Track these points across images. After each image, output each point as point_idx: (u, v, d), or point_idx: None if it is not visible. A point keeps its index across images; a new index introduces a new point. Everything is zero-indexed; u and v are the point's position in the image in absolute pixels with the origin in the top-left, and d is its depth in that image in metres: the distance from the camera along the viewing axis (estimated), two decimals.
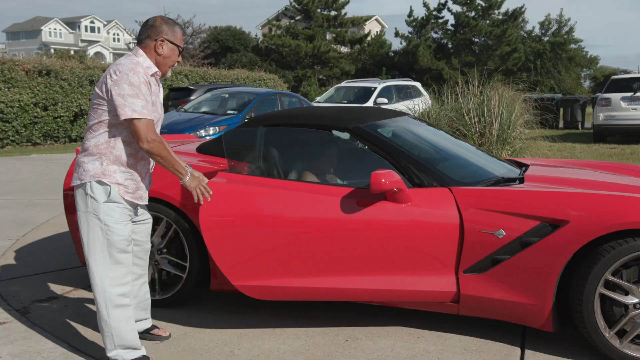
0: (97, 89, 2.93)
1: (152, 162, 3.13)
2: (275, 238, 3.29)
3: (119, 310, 2.97)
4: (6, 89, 14.00)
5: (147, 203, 3.17)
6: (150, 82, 2.93)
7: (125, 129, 2.90)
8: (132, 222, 3.12)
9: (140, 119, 2.80)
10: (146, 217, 3.27)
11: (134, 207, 3.09)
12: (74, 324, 3.64)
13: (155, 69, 2.97)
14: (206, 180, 3.17)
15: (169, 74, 3.09)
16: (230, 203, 3.30)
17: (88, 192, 2.92)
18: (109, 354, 3.00)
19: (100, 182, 2.90)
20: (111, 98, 2.83)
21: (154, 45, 2.96)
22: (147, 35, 2.98)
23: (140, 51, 2.97)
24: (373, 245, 3.26)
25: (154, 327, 3.47)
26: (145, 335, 3.40)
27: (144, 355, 3.06)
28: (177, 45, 3.02)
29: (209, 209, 3.26)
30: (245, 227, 3.29)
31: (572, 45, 41.98)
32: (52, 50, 42.12)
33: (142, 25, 3.02)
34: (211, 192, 3.19)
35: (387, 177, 3.13)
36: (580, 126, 20.09)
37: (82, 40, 68.08)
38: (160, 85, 3.10)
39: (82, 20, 70.65)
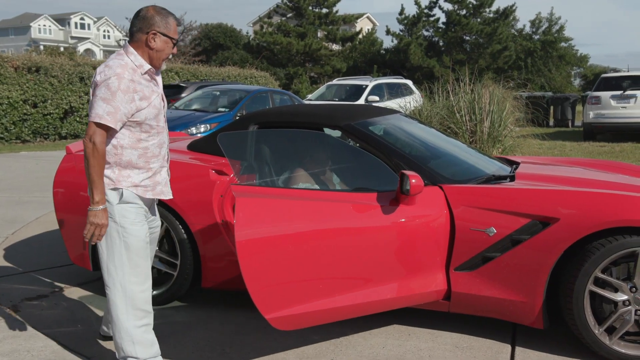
0: (91, 92, 2.82)
1: (167, 155, 3.02)
2: (313, 255, 2.95)
3: (141, 313, 2.86)
4: None
5: (171, 197, 3.05)
6: (142, 81, 2.80)
7: (127, 132, 2.81)
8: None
9: (99, 123, 2.67)
10: (156, 223, 3.14)
11: (150, 206, 3.00)
12: (63, 322, 3.62)
13: (148, 66, 2.82)
14: (105, 230, 2.77)
15: (164, 66, 2.96)
16: (268, 221, 2.89)
17: None
18: (123, 355, 2.89)
19: (114, 189, 2.81)
20: (92, 99, 2.76)
21: (145, 39, 2.79)
22: (138, 28, 2.80)
23: (131, 49, 2.81)
24: (381, 250, 3.13)
25: None
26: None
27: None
28: (171, 37, 2.84)
29: (246, 231, 2.81)
30: (285, 247, 2.89)
31: (563, 44, 42.16)
32: (41, 47, 41.83)
33: (134, 17, 2.83)
34: (100, 241, 2.81)
35: (419, 178, 3.09)
36: (570, 124, 20.19)
37: (72, 37, 67.61)
38: (158, 77, 2.95)
39: (71, 16, 70.17)
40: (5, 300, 3.99)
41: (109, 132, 2.74)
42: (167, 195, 3.01)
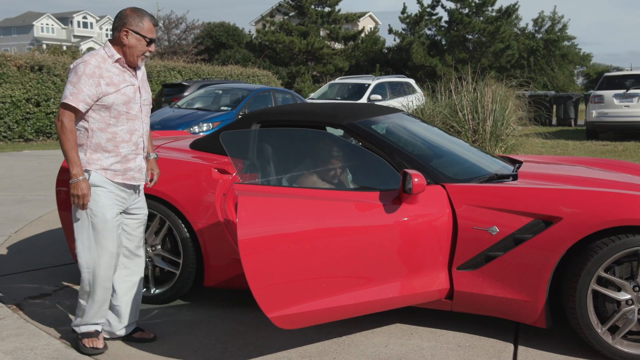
0: None
1: (142, 144, 3.23)
2: (316, 254, 2.95)
3: (102, 290, 3.16)
4: None
5: (142, 183, 3.27)
6: (112, 69, 3.08)
7: (97, 116, 3.06)
8: (126, 213, 3.24)
9: (64, 102, 2.99)
10: (141, 212, 3.32)
11: (129, 191, 3.20)
12: (66, 321, 3.62)
13: (118, 56, 3.09)
14: (88, 199, 3.02)
15: (141, 64, 3.21)
16: (271, 220, 2.90)
17: None
18: (75, 326, 3.23)
19: (85, 170, 3.05)
20: None
21: (118, 36, 3.09)
22: (115, 26, 3.12)
23: (108, 44, 3.14)
24: (383, 249, 3.13)
25: (136, 329, 3.39)
26: (129, 339, 3.36)
27: (96, 330, 3.23)
28: (143, 35, 3.09)
29: (248, 229, 2.81)
30: (287, 246, 2.88)
31: (565, 43, 42.12)
32: (44, 46, 41.86)
33: (114, 17, 3.15)
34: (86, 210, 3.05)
35: (421, 177, 3.08)
36: (573, 123, 20.16)
37: (75, 36, 67.66)
38: (134, 70, 3.18)
39: (74, 15, 70.24)
40: (8, 298, 4.00)
41: (77, 113, 3.02)
42: (138, 181, 3.22)
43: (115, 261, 3.17)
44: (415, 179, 3.04)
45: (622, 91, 14.45)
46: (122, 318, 3.32)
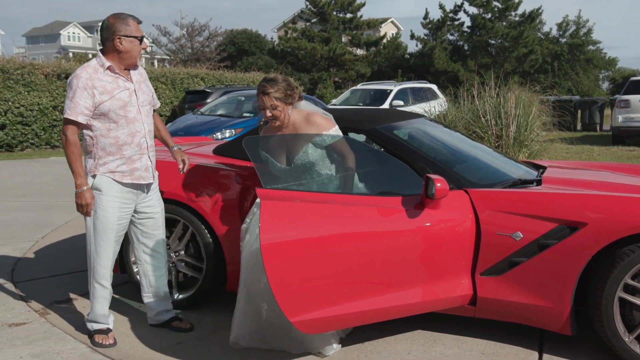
0: None
1: (145, 144, 3.35)
2: (338, 259, 2.93)
3: (99, 287, 3.38)
4: (26, 93, 14.19)
5: (151, 182, 3.41)
6: (105, 77, 3.21)
7: (98, 123, 3.21)
8: (138, 212, 3.41)
9: (64, 117, 3.17)
10: (155, 210, 3.48)
11: (136, 191, 3.35)
12: None
13: (108, 63, 3.23)
14: (91, 208, 3.24)
15: (139, 62, 3.37)
16: (293, 225, 2.88)
17: None
18: (87, 321, 3.46)
19: (93, 176, 3.25)
20: None
21: (112, 45, 3.22)
22: (105, 37, 3.25)
23: (100, 53, 3.28)
24: (406, 255, 3.12)
25: (174, 318, 3.61)
26: (167, 326, 3.57)
27: (107, 328, 3.43)
28: (134, 36, 3.23)
29: (271, 234, 2.80)
30: (309, 250, 2.87)
31: (590, 47, 41.59)
32: (70, 54, 42.59)
33: (100, 30, 3.30)
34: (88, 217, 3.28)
35: (444, 182, 3.06)
36: (598, 128, 19.88)
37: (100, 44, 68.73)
38: (129, 74, 3.32)
39: (99, 24, 71.24)
40: (35, 303, 4.06)
41: (79, 125, 3.19)
42: (146, 180, 3.37)
43: (111, 264, 3.38)
44: (438, 184, 3.03)
45: None
46: (152, 309, 3.60)
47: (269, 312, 3.22)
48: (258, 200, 3.31)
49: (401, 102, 15.06)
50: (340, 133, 3.37)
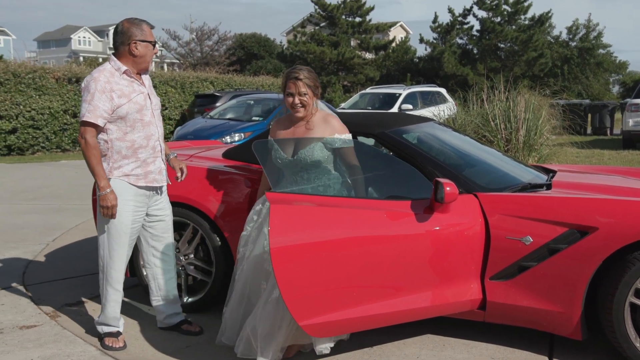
0: None
1: (159, 146, 3.40)
2: (348, 262, 2.92)
3: (112, 291, 3.38)
4: (37, 96, 14.31)
5: (164, 184, 3.46)
6: (121, 81, 3.24)
7: (114, 127, 3.23)
8: (149, 215, 3.43)
9: (83, 120, 3.16)
10: (165, 213, 3.51)
11: (149, 193, 3.38)
12: None
13: (124, 68, 3.26)
14: (115, 210, 3.22)
15: (151, 66, 3.42)
16: (302, 228, 2.88)
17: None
18: (98, 324, 3.48)
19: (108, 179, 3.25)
20: None
21: (128, 49, 3.26)
22: (120, 41, 3.28)
23: (113, 57, 3.30)
24: (415, 259, 3.11)
25: (184, 321, 3.63)
26: (176, 330, 3.60)
27: (118, 331, 3.44)
28: (149, 41, 3.30)
29: (280, 237, 2.80)
30: (319, 254, 2.86)
31: (601, 51, 41.33)
32: (81, 58, 42.85)
33: (113, 33, 3.32)
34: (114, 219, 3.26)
35: (453, 186, 3.05)
36: (609, 132, 19.75)
37: (110, 48, 69.01)
38: (147, 80, 3.41)
39: (110, 28, 71.63)
40: (46, 305, 4.09)
41: (97, 128, 3.20)
42: (159, 182, 3.41)
43: (124, 267, 3.39)
44: (447, 188, 3.02)
45: None
46: (161, 312, 3.62)
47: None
48: (256, 207, 3.34)
49: (410, 106, 15.04)
50: (352, 141, 3.37)
